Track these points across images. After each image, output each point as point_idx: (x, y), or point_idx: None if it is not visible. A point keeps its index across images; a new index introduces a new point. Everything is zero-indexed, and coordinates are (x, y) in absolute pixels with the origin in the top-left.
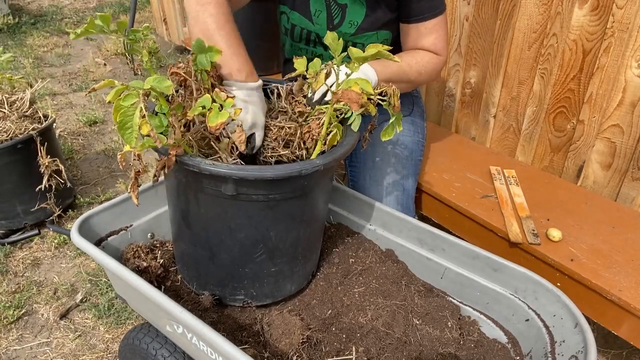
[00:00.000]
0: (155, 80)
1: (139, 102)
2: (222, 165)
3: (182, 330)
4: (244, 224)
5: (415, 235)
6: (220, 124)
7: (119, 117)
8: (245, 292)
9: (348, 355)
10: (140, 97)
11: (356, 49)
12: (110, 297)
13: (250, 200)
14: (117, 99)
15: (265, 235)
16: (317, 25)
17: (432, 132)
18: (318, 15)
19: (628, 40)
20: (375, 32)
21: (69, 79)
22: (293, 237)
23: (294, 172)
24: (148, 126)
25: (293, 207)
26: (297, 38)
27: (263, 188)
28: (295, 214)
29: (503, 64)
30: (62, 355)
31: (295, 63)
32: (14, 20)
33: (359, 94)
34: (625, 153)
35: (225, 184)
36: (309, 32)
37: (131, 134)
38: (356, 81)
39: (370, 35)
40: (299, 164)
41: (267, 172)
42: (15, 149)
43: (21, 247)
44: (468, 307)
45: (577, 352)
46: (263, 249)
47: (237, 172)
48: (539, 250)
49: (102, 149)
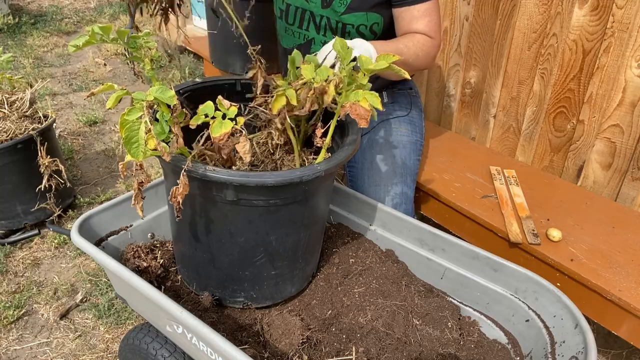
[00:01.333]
0: (159, 90)
1: (144, 116)
2: (222, 172)
3: (182, 331)
4: (244, 229)
5: (415, 235)
6: (224, 134)
7: (124, 132)
8: (245, 295)
9: (348, 355)
10: (144, 111)
11: (367, 58)
12: (110, 297)
13: (251, 206)
14: (122, 115)
15: (266, 240)
16: (311, 3)
17: (432, 132)
18: None
19: (628, 40)
20: (365, 13)
21: (69, 79)
22: (293, 241)
23: (294, 178)
24: (154, 141)
25: (294, 212)
26: (292, 19)
27: (264, 194)
28: (296, 218)
29: (503, 64)
30: (62, 355)
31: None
32: (14, 20)
33: (367, 110)
34: (625, 153)
35: (226, 189)
36: (303, 10)
37: (137, 149)
38: (365, 96)
39: (360, 16)
40: (300, 170)
41: (268, 178)
42: (15, 149)
43: (21, 247)
44: (468, 308)
45: (578, 352)
46: (263, 253)
47: (237, 179)
48: (539, 250)
49: (102, 149)
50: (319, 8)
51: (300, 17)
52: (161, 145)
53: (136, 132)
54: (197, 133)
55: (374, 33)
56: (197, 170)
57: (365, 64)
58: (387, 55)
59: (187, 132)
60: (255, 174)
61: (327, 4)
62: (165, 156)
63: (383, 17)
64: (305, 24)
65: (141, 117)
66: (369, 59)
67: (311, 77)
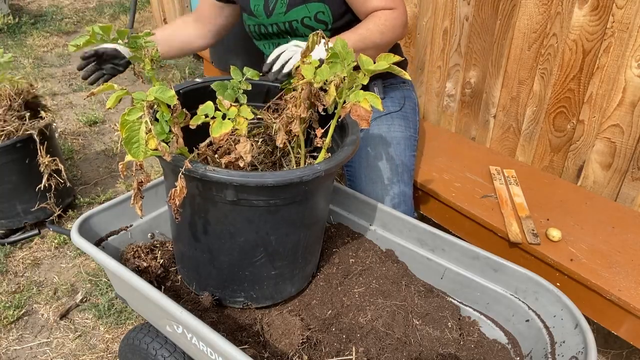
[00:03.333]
0: (159, 90)
1: (145, 116)
2: (222, 172)
3: (182, 331)
4: (244, 229)
5: (415, 235)
6: (224, 134)
7: (124, 132)
8: (245, 295)
9: (348, 355)
10: (145, 111)
11: (367, 58)
12: (110, 297)
13: (251, 206)
14: (122, 115)
15: (266, 240)
16: (260, 17)
17: (432, 132)
18: (256, 8)
19: (628, 40)
20: (304, 5)
21: (69, 79)
22: (293, 241)
23: (294, 178)
24: (155, 141)
25: (294, 212)
26: (257, 36)
27: (264, 194)
28: (296, 218)
29: (503, 64)
30: (62, 355)
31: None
32: (14, 20)
33: (368, 112)
34: (625, 153)
35: (226, 189)
36: (258, 26)
37: (138, 149)
38: (365, 97)
39: (300, 9)
40: (300, 170)
41: (267, 178)
42: (15, 148)
43: (21, 247)
44: (468, 308)
45: (578, 352)
46: (263, 253)
47: (237, 179)
48: (539, 250)
49: (102, 149)
50: (266, 19)
51: (259, 32)
52: (162, 145)
53: (137, 132)
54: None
55: (323, 22)
56: (197, 171)
57: (366, 64)
58: (388, 56)
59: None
60: (256, 174)
61: (269, 13)
62: (166, 156)
63: (327, 5)
64: (266, 36)
65: (142, 117)
66: (369, 59)
67: (311, 77)
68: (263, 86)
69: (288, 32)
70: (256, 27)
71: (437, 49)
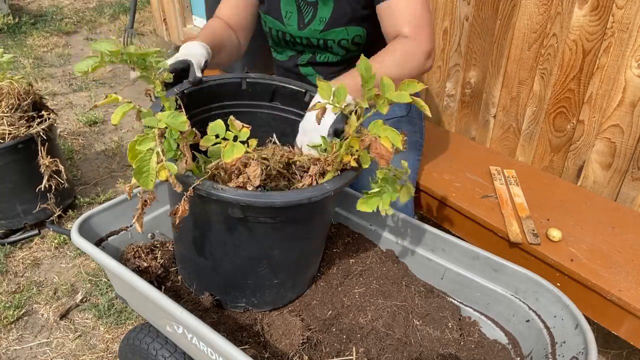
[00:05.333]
0: (170, 116)
1: (156, 146)
2: (230, 191)
3: (182, 331)
4: (249, 243)
5: (415, 235)
6: (236, 159)
7: (135, 163)
8: (247, 300)
9: (348, 355)
10: (156, 140)
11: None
12: (110, 297)
13: (257, 222)
14: (132, 143)
15: (269, 253)
16: (288, 27)
17: (432, 132)
18: (289, 17)
19: (628, 40)
20: (344, 28)
21: (69, 79)
22: (297, 253)
23: (303, 199)
24: (166, 172)
25: (299, 228)
26: (276, 40)
27: (271, 213)
28: (301, 234)
29: (503, 64)
30: (62, 355)
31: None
32: (14, 20)
33: (389, 151)
34: (625, 153)
35: (233, 207)
36: (283, 33)
37: (147, 178)
38: (387, 135)
39: (340, 31)
40: (308, 191)
41: (276, 199)
42: (16, 149)
43: (21, 247)
44: (468, 308)
45: (578, 353)
46: (266, 265)
47: (245, 199)
48: (539, 250)
49: (102, 149)
50: (296, 30)
51: (282, 38)
52: (172, 178)
53: (147, 163)
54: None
55: (357, 45)
56: (205, 190)
57: (387, 89)
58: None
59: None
60: (264, 194)
61: (303, 26)
62: (177, 188)
63: (365, 29)
64: (289, 44)
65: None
66: (391, 83)
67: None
68: (270, 85)
69: (319, 48)
70: (280, 33)
71: (437, 49)
